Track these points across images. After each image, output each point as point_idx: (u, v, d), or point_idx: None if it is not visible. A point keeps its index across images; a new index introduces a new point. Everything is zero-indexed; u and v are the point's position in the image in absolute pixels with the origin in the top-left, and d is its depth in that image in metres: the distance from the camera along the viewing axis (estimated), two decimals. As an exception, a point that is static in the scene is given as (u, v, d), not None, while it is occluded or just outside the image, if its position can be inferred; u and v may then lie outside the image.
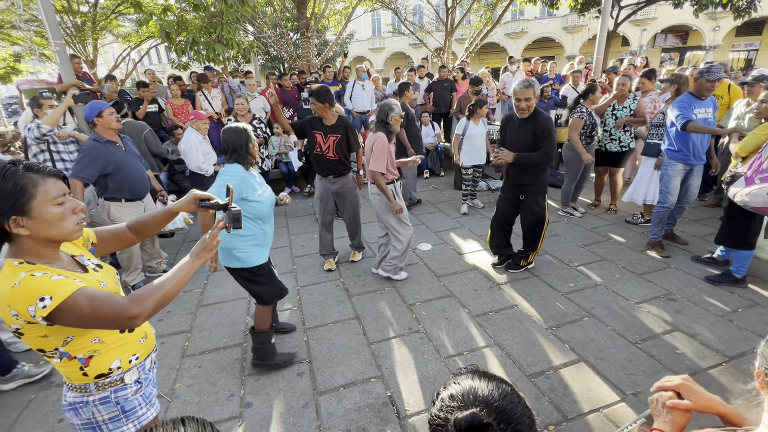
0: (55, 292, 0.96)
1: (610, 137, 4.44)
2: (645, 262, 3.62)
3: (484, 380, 0.70)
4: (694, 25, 21.81)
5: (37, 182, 1.01)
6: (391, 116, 3.11)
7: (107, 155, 3.01)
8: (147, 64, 32.24)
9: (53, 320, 0.98)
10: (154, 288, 1.07)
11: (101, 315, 1.00)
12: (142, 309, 1.03)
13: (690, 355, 2.45)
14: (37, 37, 12.24)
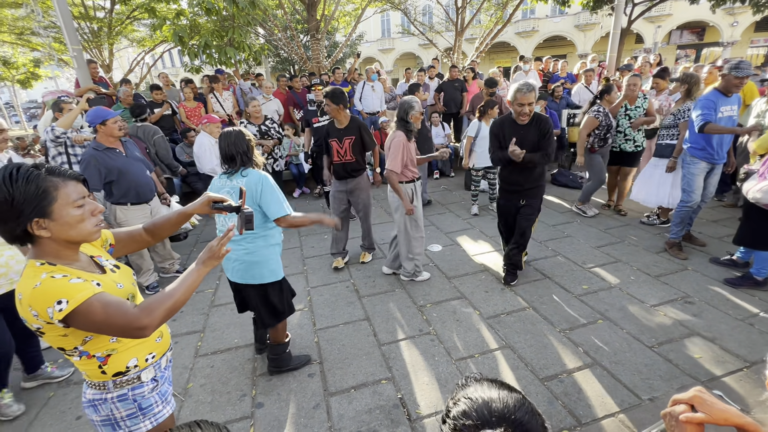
0: (72, 295, 0.98)
1: (625, 137, 4.36)
2: (661, 263, 3.54)
3: (494, 389, 0.67)
4: (711, 21, 21.29)
5: (59, 185, 1.04)
6: (411, 114, 3.11)
7: (107, 163, 3.05)
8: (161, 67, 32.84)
9: (68, 323, 1.01)
10: (164, 297, 1.08)
11: (113, 322, 1.02)
12: (151, 319, 1.04)
13: (709, 360, 2.39)
14: (56, 42, 12.56)
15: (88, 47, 11.96)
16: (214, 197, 1.35)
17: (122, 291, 1.17)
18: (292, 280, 3.65)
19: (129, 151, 3.25)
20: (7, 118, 27.39)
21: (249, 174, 2.09)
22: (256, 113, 4.52)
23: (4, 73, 18.32)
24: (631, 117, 4.28)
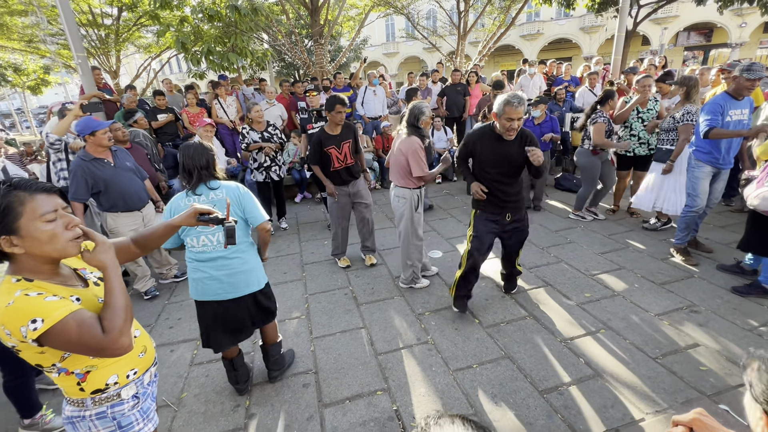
0: (48, 314, 0.96)
1: (639, 141, 4.28)
2: (666, 271, 3.46)
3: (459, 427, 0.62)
4: (719, 22, 21.06)
5: (24, 200, 1.00)
6: (422, 120, 3.11)
7: (94, 173, 3.04)
8: (168, 73, 33.26)
9: (42, 342, 0.98)
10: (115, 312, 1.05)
11: (87, 343, 0.99)
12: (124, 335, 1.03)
13: (715, 372, 2.31)
14: (65, 50, 12.77)
15: (96, 54, 12.15)
16: (200, 209, 1.32)
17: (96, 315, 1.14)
18: (291, 286, 3.64)
19: (119, 161, 3.23)
20: (19, 123, 27.89)
21: (221, 186, 2.04)
22: (258, 119, 4.50)
23: (15, 79, 18.69)
24: (645, 120, 4.21)
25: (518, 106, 2.46)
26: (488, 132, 2.71)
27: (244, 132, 4.55)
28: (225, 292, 2.09)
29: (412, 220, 3.27)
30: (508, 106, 2.47)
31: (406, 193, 3.22)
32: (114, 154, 3.21)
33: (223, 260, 2.05)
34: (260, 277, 2.19)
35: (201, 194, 2.01)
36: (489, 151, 2.70)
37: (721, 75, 4.56)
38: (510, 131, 2.55)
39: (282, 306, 3.32)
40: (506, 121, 2.51)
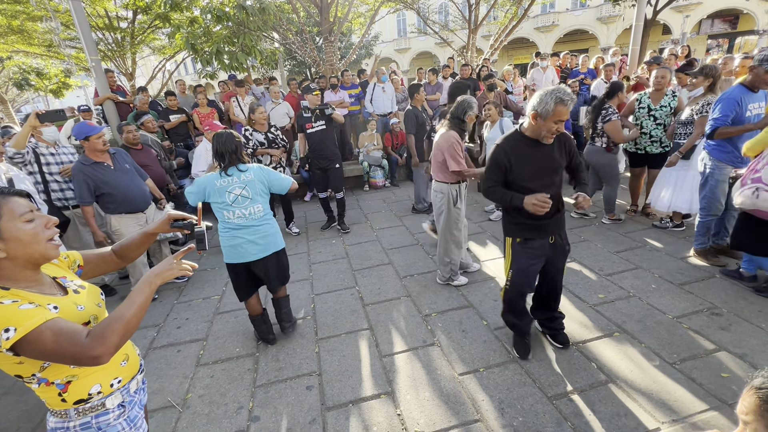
0: (21, 323, 0.94)
1: (651, 139, 4.02)
2: (686, 271, 3.31)
3: None
4: (745, 8, 20.14)
5: (0, 202, 1.01)
6: (469, 114, 3.06)
7: (94, 177, 3.09)
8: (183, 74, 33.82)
9: (17, 351, 0.96)
10: (114, 320, 1.02)
11: (64, 352, 0.96)
12: (105, 347, 0.98)
13: (737, 379, 2.18)
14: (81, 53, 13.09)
15: (113, 57, 12.42)
16: (174, 215, 1.31)
17: (82, 314, 1.12)
18: (297, 286, 3.63)
19: (118, 164, 3.26)
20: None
21: (248, 168, 2.54)
22: (261, 120, 4.48)
23: (38, 83, 19.31)
24: (657, 117, 3.94)
25: (571, 103, 2.00)
26: (519, 139, 2.19)
27: (247, 134, 4.45)
28: (260, 252, 2.59)
29: (449, 215, 3.21)
30: (561, 105, 1.97)
31: (443, 187, 3.18)
32: (113, 157, 3.25)
33: (257, 228, 2.58)
34: (280, 239, 2.72)
35: (232, 175, 2.50)
36: (526, 161, 2.18)
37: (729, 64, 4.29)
38: (551, 135, 2.11)
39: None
40: (554, 124, 2.03)
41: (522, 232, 2.32)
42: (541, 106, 2.02)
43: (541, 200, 2.04)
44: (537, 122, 2.07)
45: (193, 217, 1.33)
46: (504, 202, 2.21)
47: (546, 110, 2.01)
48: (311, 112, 4.54)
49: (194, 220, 1.32)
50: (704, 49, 22.18)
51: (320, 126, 4.57)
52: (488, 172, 2.27)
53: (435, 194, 3.27)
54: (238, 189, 2.49)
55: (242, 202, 2.51)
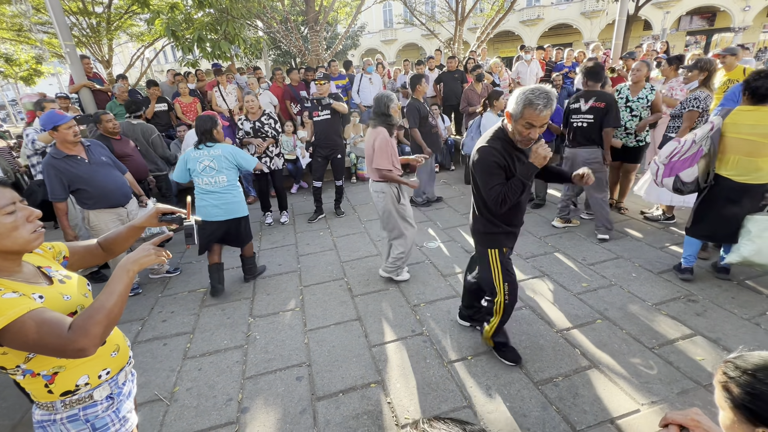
0: (3, 312, 0.91)
1: (626, 131, 4.06)
2: (664, 260, 3.43)
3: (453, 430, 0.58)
4: (722, 5, 20.69)
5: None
6: (392, 107, 2.98)
7: (68, 171, 2.87)
8: (162, 62, 32.78)
9: (0, 342, 0.93)
10: (94, 311, 0.98)
11: (47, 343, 0.93)
12: (88, 339, 0.95)
13: (712, 362, 2.29)
14: (55, 39, 12.52)
15: (88, 43, 11.91)
16: (163, 209, 1.28)
17: (69, 303, 1.09)
18: (286, 278, 3.61)
19: (93, 156, 3.02)
20: (13, 115, 27.56)
21: (216, 146, 3.13)
22: (252, 109, 4.42)
23: (7, 70, 18.37)
24: (633, 109, 4.01)
25: (544, 108, 1.76)
26: (504, 138, 1.98)
27: (239, 124, 4.53)
28: (221, 215, 3.15)
29: (397, 213, 3.15)
30: (529, 108, 1.77)
31: (384, 187, 3.09)
32: (87, 150, 3.00)
33: (220, 194, 3.14)
34: (242, 208, 3.26)
35: (202, 149, 3.11)
36: (512, 162, 1.99)
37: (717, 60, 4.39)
38: (527, 141, 1.90)
39: (276, 298, 3.31)
40: (524, 128, 1.84)
41: (506, 242, 2.19)
42: (511, 106, 1.85)
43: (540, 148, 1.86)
44: (510, 122, 1.91)
45: (182, 211, 1.30)
46: (517, 189, 1.91)
47: (516, 111, 1.84)
48: (310, 101, 4.58)
49: (183, 214, 1.29)
50: (683, 45, 22.74)
51: (326, 115, 4.58)
52: (489, 179, 1.96)
53: (376, 195, 3.13)
54: (206, 161, 3.09)
55: (209, 172, 3.10)
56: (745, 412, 0.67)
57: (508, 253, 2.22)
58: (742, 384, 0.68)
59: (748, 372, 0.68)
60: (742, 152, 2.67)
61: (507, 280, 2.20)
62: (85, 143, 3.02)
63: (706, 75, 3.48)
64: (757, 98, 2.60)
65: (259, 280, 3.62)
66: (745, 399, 0.67)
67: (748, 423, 0.67)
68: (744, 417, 0.67)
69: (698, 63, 3.54)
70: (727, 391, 0.70)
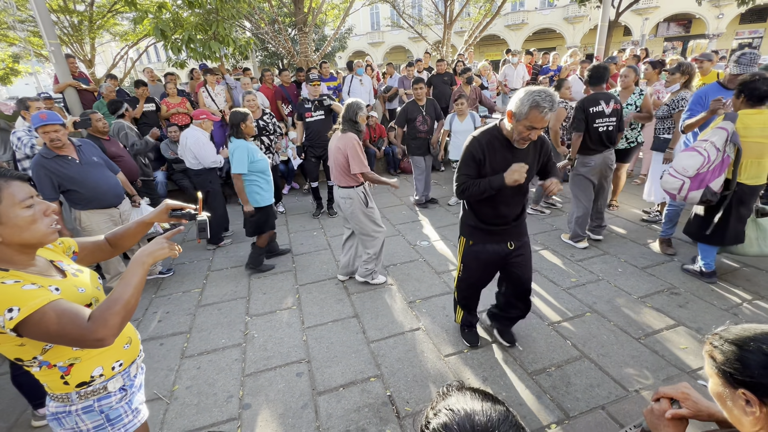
0: (25, 303, 0.93)
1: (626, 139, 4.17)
2: (648, 255, 3.58)
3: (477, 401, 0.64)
4: (697, 13, 21.48)
5: (1, 186, 0.99)
6: (360, 115, 3.06)
7: (59, 171, 2.80)
8: (146, 62, 32.14)
9: (21, 333, 0.95)
10: (112, 302, 1.01)
11: (67, 334, 0.95)
12: (107, 329, 0.97)
13: (694, 350, 2.41)
14: (34, 37, 12.19)
15: (69, 42, 11.63)
16: (173, 205, 1.31)
17: (83, 296, 1.11)
18: (281, 277, 3.63)
19: (85, 156, 2.95)
20: (-13, 115, 26.60)
21: (233, 142, 3.36)
22: (252, 108, 4.45)
23: (-18, 69, 17.78)
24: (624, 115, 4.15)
25: (549, 111, 1.79)
26: (497, 136, 2.03)
27: None
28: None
29: (366, 217, 3.17)
30: (535, 110, 1.79)
31: (350, 192, 3.11)
32: (78, 150, 2.93)
33: None
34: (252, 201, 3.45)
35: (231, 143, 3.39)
36: (500, 159, 2.02)
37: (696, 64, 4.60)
38: (525, 141, 1.96)
39: (273, 297, 3.32)
40: (525, 129, 1.87)
41: (475, 235, 2.23)
42: (515, 106, 1.86)
43: (518, 170, 1.91)
44: (511, 122, 1.93)
45: (192, 206, 1.33)
46: (482, 192, 2.02)
47: (520, 112, 1.85)
48: (311, 102, 4.59)
49: (192, 209, 1.32)
50: (661, 50, 23.50)
51: (319, 116, 4.63)
52: (462, 166, 2.08)
53: (343, 201, 3.15)
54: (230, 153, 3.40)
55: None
56: (726, 376, 0.75)
57: (473, 246, 2.29)
58: (724, 351, 0.76)
59: (729, 341, 0.76)
60: (753, 155, 2.70)
61: (462, 270, 2.42)
62: (75, 143, 2.94)
63: (687, 78, 3.65)
64: (755, 100, 2.63)
65: (254, 279, 3.63)
66: (725, 364, 0.75)
67: (730, 386, 0.75)
68: (726, 381, 0.75)
69: (680, 66, 3.72)
70: (713, 359, 0.78)
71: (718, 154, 2.70)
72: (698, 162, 2.72)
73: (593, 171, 3.64)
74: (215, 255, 4.18)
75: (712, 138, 2.71)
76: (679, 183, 2.82)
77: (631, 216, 4.45)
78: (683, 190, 2.82)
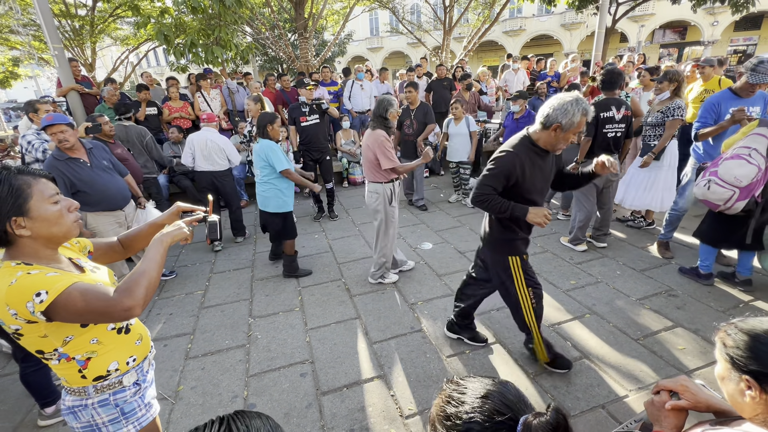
0: (51, 286, 0.97)
1: None
2: (646, 258, 3.63)
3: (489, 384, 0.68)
4: (693, 20, 21.76)
5: (31, 183, 1.04)
6: (390, 112, 3.11)
7: (71, 173, 2.83)
8: (146, 66, 32.26)
9: (51, 316, 0.99)
10: (138, 275, 1.05)
11: (94, 308, 1.00)
12: (134, 299, 1.02)
13: (692, 351, 2.45)
14: (36, 41, 12.25)
15: (70, 46, 11.69)
16: (183, 207, 1.35)
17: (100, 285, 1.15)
18: (283, 280, 3.65)
19: (95, 160, 2.99)
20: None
21: (260, 142, 3.38)
22: (254, 113, 4.51)
23: (-18, 72, 17.81)
24: None
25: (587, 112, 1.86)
26: (531, 148, 1.99)
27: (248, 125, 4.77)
28: (260, 204, 3.54)
29: (386, 215, 3.27)
30: (584, 117, 1.85)
31: (378, 188, 3.21)
32: (89, 153, 2.96)
33: (258, 185, 3.50)
34: (270, 206, 3.47)
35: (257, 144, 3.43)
36: (538, 173, 2.02)
37: (696, 70, 4.67)
38: (562, 147, 1.99)
39: (275, 299, 3.35)
40: (572, 135, 1.90)
41: (522, 248, 2.20)
42: (566, 118, 1.84)
43: (545, 215, 1.94)
44: (557, 133, 1.89)
45: (201, 209, 1.37)
46: (502, 212, 1.98)
47: (570, 123, 1.84)
48: (308, 106, 4.65)
49: (202, 211, 1.36)
50: (657, 57, 23.77)
51: (314, 120, 4.69)
52: (490, 178, 2.00)
53: (369, 195, 3.29)
54: (254, 154, 3.47)
55: (255, 164, 3.47)
56: (734, 362, 0.80)
57: (527, 259, 2.22)
58: (734, 338, 0.81)
59: (743, 330, 0.81)
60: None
61: (530, 284, 2.19)
62: (87, 146, 2.98)
63: (675, 86, 3.68)
64: None
65: (257, 281, 3.66)
66: (733, 350, 0.80)
67: (736, 371, 0.80)
68: (733, 366, 0.80)
69: (667, 74, 3.72)
70: (724, 345, 0.83)
71: (765, 162, 2.60)
72: (752, 172, 2.59)
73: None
74: (217, 257, 4.21)
75: (753, 145, 2.60)
76: (729, 194, 2.67)
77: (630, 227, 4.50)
78: (731, 201, 2.68)
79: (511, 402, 0.63)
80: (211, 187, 4.20)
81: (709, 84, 4.42)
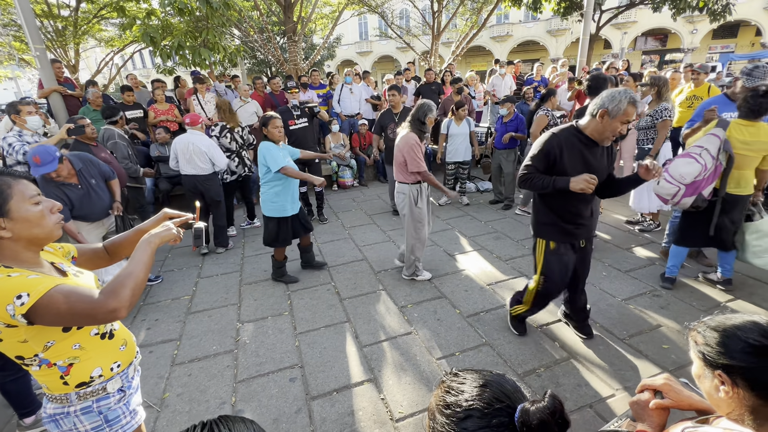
0: (33, 288, 0.95)
1: None
2: (630, 259, 3.70)
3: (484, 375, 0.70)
4: (673, 28, 22.43)
5: (11, 183, 1.02)
6: (429, 117, 3.15)
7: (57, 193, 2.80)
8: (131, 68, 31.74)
9: (32, 319, 0.96)
10: (123, 277, 1.03)
11: (78, 311, 0.97)
12: (119, 301, 0.99)
13: (675, 349, 2.51)
14: (16, 41, 11.96)
15: (52, 47, 11.43)
16: (170, 213, 1.32)
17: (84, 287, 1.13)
18: (272, 284, 3.62)
19: (84, 180, 2.96)
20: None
21: (261, 144, 3.30)
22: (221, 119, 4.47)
23: (-40, 73, 17.29)
24: None
25: (638, 104, 1.97)
26: (576, 135, 2.12)
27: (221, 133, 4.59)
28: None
29: (412, 215, 3.32)
30: (632, 106, 1.93)
31: (404, 188, 3.29)
32: (79, 174, 2.93)
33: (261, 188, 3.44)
34: (263, 208, 3.43)
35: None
36: (578, 160, 2.11)
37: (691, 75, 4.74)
38: (614, 137, 2.08)
39: (264, 303, 3.31)
40: (621, 124, 1.99)
41: (556, 235, 2.28)
42: (613, 104, 1.94)
43: (588, 180, 1.98)
44: (604, 121, 2.00)
45: (189, 215, 1.35)
46: (543, 188, 2.13)
47: (617, 108, 1.93)
48: (299, 109, 4.63)
49: (190, 217, 1.35)
50: (639, 63, 24.38)
51: (303, 123, 4.68)
52: (534, 158, 2.15)
53: (397, 195, 3.38)
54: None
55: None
56: (706, 359, 0.82)
57: (556, 249, 2.30)
58: (704, 336, 0.83)
59: (710, 327, 0.83)
60: (736, 165, 2.75)
61: (544, 273, 2.37)
62: (76, 166, 2.90)
63: (656, 90, 3.82)
64: (753, 114, 2.68)
65: (245, 286, 3.61)
66: (704, 347, 0.82)
67: (709, 368, 0.81)
68: (705, 363, 0.82)
69: (650, 80, 3.91)
70: (696, 343, 0.85)
71: (713, 162, 2.73)
72: (696, 170, 2.73)
73: None
74: (205, 262, 4.15)
75: (706, 145, 2.75)
76: (674, 189, 2.84)
77: (615, 222, 4.59)
78: (677, 197, 2.85)
79: (509, 391, 0.65)
80: (195, 191, 4.12)
81: (699, 90, 4.59)
